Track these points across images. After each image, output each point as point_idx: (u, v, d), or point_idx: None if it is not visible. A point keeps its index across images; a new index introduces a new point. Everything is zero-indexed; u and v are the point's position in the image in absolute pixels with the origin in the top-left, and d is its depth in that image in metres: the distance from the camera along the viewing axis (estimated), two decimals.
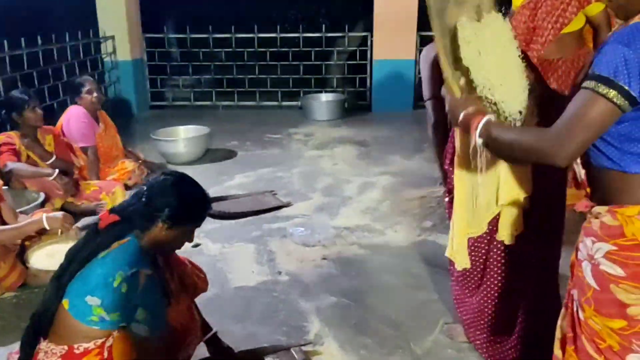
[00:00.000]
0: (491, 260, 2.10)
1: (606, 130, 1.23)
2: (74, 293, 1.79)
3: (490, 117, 1.42)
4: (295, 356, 2.34)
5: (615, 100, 1.18)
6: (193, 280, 2.19)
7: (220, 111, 7.48)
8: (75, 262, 1.82)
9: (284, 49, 7.32)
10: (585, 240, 1.36)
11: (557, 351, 1.48)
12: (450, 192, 2.20)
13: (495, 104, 1.55)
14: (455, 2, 1.56)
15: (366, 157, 5.28)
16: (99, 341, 1.82)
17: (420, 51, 6.90)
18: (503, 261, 2.07)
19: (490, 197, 1.97)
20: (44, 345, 1.84)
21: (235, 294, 2.89)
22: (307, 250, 3.38)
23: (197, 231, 1.97)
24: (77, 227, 3.20)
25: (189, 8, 7.99)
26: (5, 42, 5.08)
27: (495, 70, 1.54)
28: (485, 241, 2.08)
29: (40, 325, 1.86)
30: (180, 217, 1.88)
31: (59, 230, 2.60)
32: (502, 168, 1.91)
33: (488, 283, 2.13)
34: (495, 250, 2.07)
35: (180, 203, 1.87)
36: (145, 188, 1.91)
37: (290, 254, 3.32)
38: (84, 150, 4.19)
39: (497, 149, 1.39)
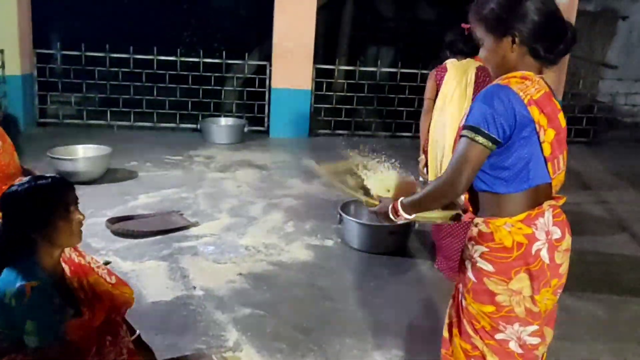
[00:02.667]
0: None
1: (482, 164, 1.62)
2: None
3: (399, 200, 1.80)
4: None
5: (483, 143, 1.58)
6: (107, 289, 2.13)
7: (116, 131, 7.37)
8: None
9: (183, 72, 7.42)
10: (467, 244, 1.75)
11: (445, 333, 1.85)
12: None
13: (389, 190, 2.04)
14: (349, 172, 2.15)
15: (268, 180, 5.54)
16: (11, 356, 1.86)
17: (316, 82, 7.39)
18: None
19: None
20: None
21: (152, 308, 2.99)
22: (219, 267, 3.55)
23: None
24: None
25: (85, 26, 7.82)
26: None
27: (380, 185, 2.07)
28: None
29: None
30: (40, 216, 1.83)
31: None
32: None
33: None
34: None
35: (32, 203, 1.83)
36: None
37: (203, 271, 3.48)
38: None
39: (420, 209, 1.77)
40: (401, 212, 1.77)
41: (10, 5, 6.66)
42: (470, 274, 1.72)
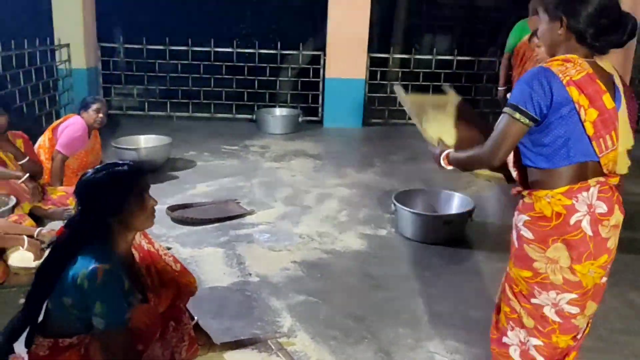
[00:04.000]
0: None
1: (519, 139, 1.76)
2: (53, 295, 1.93)
3: (448, 151, 2.03)
4: (272, 347, 2.58)
5: (521, 120, 1.72)
6: (173, 277, 2.24)
7: (175, 122, 7.60)
8: (45, 274, 1.94)
9: (239, 64, 7.55)
10: (515, 213, 1.90)
11: (497, 300, 2.02)
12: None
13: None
14: (434, 107, 2.29)
15: (322, 169, 5.58)
16: (81, 336, 1.96)
17: (370, 71, 7.36)
18: None
19: None
20: (37, 339, 1.98)
21: (209, 293, 3.08)
22: (274, 255, 3.62)
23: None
24: (43, 231, 3.29)
25: (146, 19, 8.07)
26: None
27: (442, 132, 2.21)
28: None
29: (28, 322, 1.99)
30: (117, 201, 1.91)
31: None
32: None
33: None
34: None
35: (110, 188, 1.91)
36: (75, 196, 1.97)
37: (258, 258, 3.55)
38: (54, 155, 4.26)
39: (459, 166, 1.99)
40: (443, 162, 2.01)
41: (75, 1, 6.95)
42: (514, 240, 1.88)
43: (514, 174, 1.94)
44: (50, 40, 6.77)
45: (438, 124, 2.19)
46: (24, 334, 1.97)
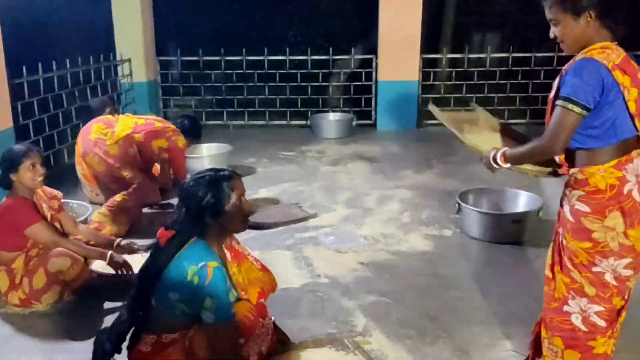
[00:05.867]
0: None
1: (576, 129, 1.89)
2: (158, 292, 2.05)
3: (505, 149, 2.09)
4: (349, 345, 2.62)
5: (576, 111, 1.85)
6: (259, 276, 2.38)
7: (231, 130, 7.77)
8: (150, 274, 2.07)
9: (292, 71, 7.66)
10: (565, 191, 2.03)
11: (548, 273, 2.13)
12: None
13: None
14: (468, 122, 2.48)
15: (379, 172, 5.59)
16: (183, 332, 2.08)
17: (423, 72, 7.33)
18: None
19: None
20: (142, 337, 2.10)
21: (282, 294, 3.12)
22: (341, 256, 3.66)
23: None
24: (123, 242, 3.36)
25: (201, 32, 8.29)
26: (24, 67, 4.99)
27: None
28: None
29: (133, 322, 2.12)
30: (218, 204, 2.05)
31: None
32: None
33: None
34: None
35: (212, 192, 2.05)
36: (179, 199, 2.14)
37: (326, 260, 3.60)
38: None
39: (517, 161, 2.07)
40: (499, 160, 2.07)
41: (135, 17, 7.24)
42: (569, 216, 1.99)
43: (557, 159, 2.05)
44: (112, 55, 7.07)
45: (477, 135, 2.35)
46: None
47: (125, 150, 4.17)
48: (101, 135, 4.23)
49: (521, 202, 4.04)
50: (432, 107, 2.53)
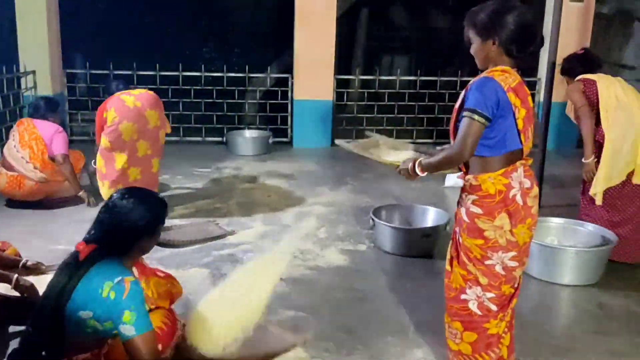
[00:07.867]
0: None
1: (480, 136, 2.13)
2: (68, 312, 1.99)
3: (420, 159, 2.30)
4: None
5: (480, 121, 2.10)
6: (167, 288, 2.47)
7: None
8: (66, 291, 2.00)
9: (207, 87, 7.62)
10: (462, 195, 2.30)
11: (447, 267, 2.41)
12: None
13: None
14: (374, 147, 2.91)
15: (296, 188, 5.67)
16: (95, 352, 2.03)
17: (337, 92, 7.54)
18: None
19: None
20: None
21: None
22: None
23: (149, 259, 2.27)
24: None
25: (111, 45, 8.06)
26: None
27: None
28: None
29: (40, 341, 2.03)
30: (154, 223, 2.14)
31: None
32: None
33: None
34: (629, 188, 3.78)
35: (150, 212, 2.11)
36: (106, 215, 2.10)
37: None
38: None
39: (433, 169, 2.28)
40: (417, 169, 2.28)
41: (40, 28, 6.90)
42: (465, 217, 2.26)
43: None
44: (16, 67, 6.70)
45: (385, 153, 2.67)
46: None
47: None
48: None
49: (429, 217, 4.28)
50: (339, 142, 2.84)
